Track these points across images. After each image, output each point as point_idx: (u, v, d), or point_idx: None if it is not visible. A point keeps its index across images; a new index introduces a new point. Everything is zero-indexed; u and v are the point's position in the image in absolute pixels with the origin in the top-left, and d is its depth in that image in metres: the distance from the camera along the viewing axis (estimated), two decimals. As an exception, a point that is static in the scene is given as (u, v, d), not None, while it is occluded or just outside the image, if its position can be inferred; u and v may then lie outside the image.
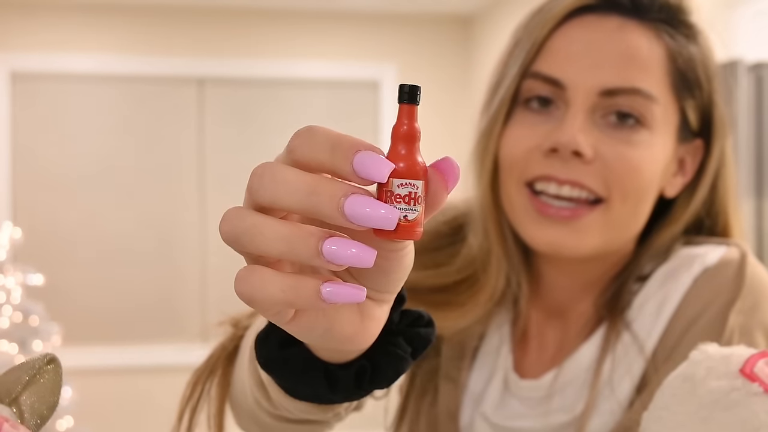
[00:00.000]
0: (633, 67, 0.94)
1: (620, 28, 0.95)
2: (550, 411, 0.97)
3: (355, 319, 0.55)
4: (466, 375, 1.04)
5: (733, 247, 0.99)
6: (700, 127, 1.00)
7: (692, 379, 0.63)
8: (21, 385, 0.58)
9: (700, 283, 0.96)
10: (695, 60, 0.97)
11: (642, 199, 0.96)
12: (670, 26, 0.97)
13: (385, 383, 0.61)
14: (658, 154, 0.95)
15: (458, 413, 1.03)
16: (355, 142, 0.46)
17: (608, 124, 0.94)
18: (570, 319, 1.03)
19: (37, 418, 0.59)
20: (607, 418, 0.94)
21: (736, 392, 0.60)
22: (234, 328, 0.88)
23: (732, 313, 0.92)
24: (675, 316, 0.96)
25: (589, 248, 0.95)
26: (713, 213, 1.03)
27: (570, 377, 0.98)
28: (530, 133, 0.94)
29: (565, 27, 0.96)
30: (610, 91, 0.93)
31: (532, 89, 0.96)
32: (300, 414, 0.70)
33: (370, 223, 0.44)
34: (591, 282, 1.02)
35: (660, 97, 0.94)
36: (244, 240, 0.49)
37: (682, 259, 0.99)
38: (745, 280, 0.94)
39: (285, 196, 0.47)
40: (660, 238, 1.01)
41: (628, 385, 0.95)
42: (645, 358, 0.95)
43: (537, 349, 1.04)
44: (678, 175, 1.01)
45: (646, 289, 0.99)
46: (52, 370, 0.59)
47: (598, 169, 0.92)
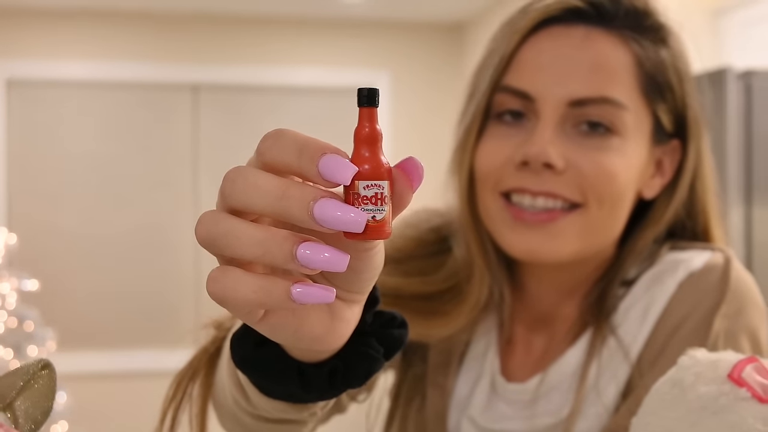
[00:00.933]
0: (601, 76, 0.94)
1: (586, 37, 0.96)
2: (536, 414, 0.98)
3: (325, 320, 0.56)
4: (452, 380, 1.04)
5: (718, 252, 0.99)
6: (675, 128, 1.00)
7: (681, 385, 0.64)
8: (15, 390, 0.59)
9: (685, 287, 0.96)
10: (665, 63, 0.98)
11: (618, 204, 0.96)
12: (637, 32, 0.97)
13: (357, 383, 0.62)
14: (632, 159, 0.95)
15: (446, 417, 1.03)
16: (321, 146, 0.47)
17: (579, 134, 0.94)
18: (555, 324, 1.04)
19: (31, 423, 0.59)
20: (592, 423, 0.94)
21: (724, 397, 0.61)
22: (216, 330, 0.88)
23: (717, 318, 0.93)
24: (660, 320, 0.96)
25: (567, 253, 0.95)
26: (694, 213, 1.04)
27: (556, 381, 0.98)
28: (503, 145, 0.95)
29: (533, 39, 0.96)
30: (578, 101, 0.93)
31: (503, 103, 0.96)
32: (277, 413, 0.71)
33: (339, 226, 0.46)
34: (574, 287, 1.02)
35: (630, 103, 0.95)
36: (220, 244, 0.50)
37: (667, 263, 0.99)
38: (730, 285, 0.95)
39: (256, 201, 0.48)
40: (642, 240, 1.01)
41: (613, 390, 0.95)
42: (630, 364, 0.95)
43: (523, 353, 1.04)
44: (656, 177, 1.01)
45: (632, 294, 1.00)
46: (46, 376, 0.59)
47: (572, 178, 0.93)
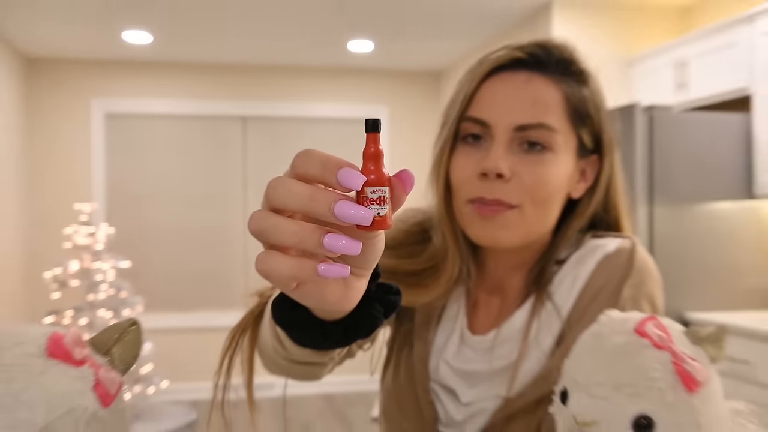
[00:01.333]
0: (538, 108, 0.93)
1: (528, 80, 0.94)
2: (493, 358, 0.98)
3: (341, 289, 0.57)
4: (432, 334, 1.04)
5: (627, 239, 1.00)
6: (594, 146, 1.00)
7: (600, 336, 0.63)
8: (112, 342, 0.59)
9: (602, 265, 0.97)
10: (586, 98, 0.96)
11: (549, 204, 0.94)
12: (565, 75, 0.96)
13: (364, 335, 0.64)
14: (561, 169, 0.94)
15: (428, 361, 1.03)
16: (338, 161, 0.50)
17: (522, 150, 0.93)
18: (507, 292, 1.04)
19: (124, 366, 0.59)
20: (534, 364, 0.95)
21: (631, 345, 0.61)
22: (260, 298, 0.89)
23: (625, 288, 0.94)
24: (584, 289, 0.96)
25: (513, 240, 0.94)
26: (608, 209, 1.04)
27: (508, 334, 0.99)
28: (468, 161, 0.94)
29: (488, 82, 0.95)
30: (522, 126, 0.92)
31: (467, 129, 0.96)
32: (305, 358, 0.73)
33: (353, 220, 0.48)
34: (520, 264, 1.02)
35: (560, 128, 0.94)
36: (266, 234, 0.52)
37: (589, 248, 1.00)
38: (635, 264, 0.95)
39: (292, 202, 0.51)
40: (570, 229, 1.01)
41: (549, 340, 0.96)
42: (562, 321, 0.96)
43: (484, 313, 1.05)
44: (581, 182, 1.01)
45: (563, 270, 1.00)
46: (134, 331, 0.59)
47: (516, 184, 0.91)
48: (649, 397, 0.58)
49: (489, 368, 0.97)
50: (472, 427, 0.97)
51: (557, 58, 0.97)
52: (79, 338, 0.56)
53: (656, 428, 0.58)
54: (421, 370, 1.02)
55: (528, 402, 0.93)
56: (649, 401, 0.58)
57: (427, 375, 1.02)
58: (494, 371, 0.97)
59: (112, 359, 0.58)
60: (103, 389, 0.54)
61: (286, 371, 0.83)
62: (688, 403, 0.58)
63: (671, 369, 0.59)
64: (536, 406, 0.92)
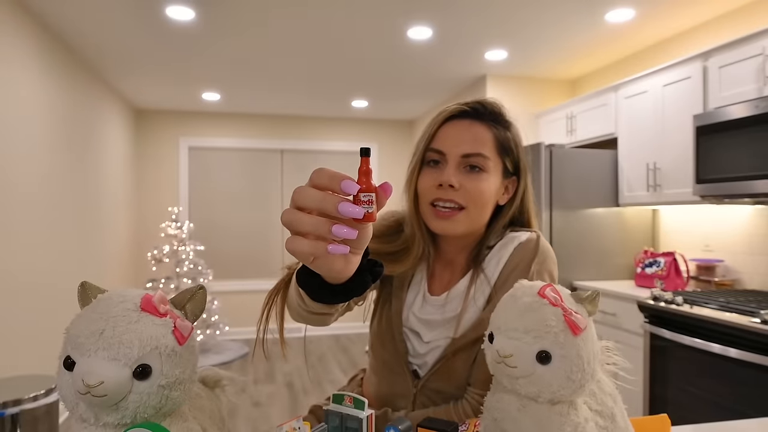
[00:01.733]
0: (477, 143, 0.92)
1: (470, 125, 0.94)
2: (445, 311, 0.97)
3: (342, 262, 0.57)
4: (405, 294, 1.04)
5: (534, 233, 0.99)
6: (513, 171, 1.01)
7: (514, 297, 0.63)
8: (186, 300, 0.58)
9: (517, 250, 0.96)
10: (509, 138, 0.96)
11: (485, 208, 0.93)
12: (495, 122, 0.95)
13: (358, 294, 0.63)
14: (492, 185, 0.93)
15: (401, 313, 1.03)
16: (341, 176, 0.51)
17: (467, 171, 0.93)
18: (455, 267, 1.03)
19: (194, 317, 0.58)
20: (471, 316, 0.94)
21: (536, 303, 0.60)
22: (288, 270, 0.89)
23: (532, 265, 0.93)
24: (505, 265, 0.96)
25: (460, 231, 0.94)
26: (522, 212, 1.03)
27: (454, 295, 0.98)
28: (430, 176, 0.94)
29: (445, 125, 0.95)
30: (466, 155, 0.92)
31: (430, 156, 0.96)
32: (318, 309, 0.73)
33: (351, 215, 0.50)
34: (464, 247, 1.01)
35: (491, 156, 0.93)
36: (293, 224, 0.53)
37: (509, 238, 0.99)
38: (539, 249, 0.95)
39: (310, 202, 0.52)
40: (498, 225, 1.00)
41: (482, 300, 0.95)
42: (491, 287, 0.95)
43: (439, 281, 1.04)
44: (505, 194, 1.00)
45: (492, 252, 0.99)
46: (201, 293, 0.58)
47: (462, 193, 0.91)
48: (547, 339, 0.58)
49: (442, 318, 0.97)
50: (431, 357, 0.96)
51: (490, 110, 0.97)
52: (163, 298, 0.55)
53: (552, 359, 0.57)
54: (396, 319, 1.01)
55: (468, 341, 0.92)
56: (547, 341, 0.58)
57: (401, 322, 1.01)
58: (445, 320, 0.96)
59: (186, 312, 0.57)
60: (179, 333, 0.54)
61: (305, 320, 0.82)
62: (574, 342, 0.58)
63: (562, 320, 0.58)
64: (473, 343, 0.92)
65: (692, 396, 2.37)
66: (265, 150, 5.95)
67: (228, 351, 5.09)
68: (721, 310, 2.28)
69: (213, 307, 5.03)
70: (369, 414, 0.62)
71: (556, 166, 3.31)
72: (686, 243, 3.27)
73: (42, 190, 3.30)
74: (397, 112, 5.78)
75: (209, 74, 4.30)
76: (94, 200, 4.24)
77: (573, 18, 3.13)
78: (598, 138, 3.56)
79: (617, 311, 2.92)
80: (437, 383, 0.96)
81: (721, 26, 3.09)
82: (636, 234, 3.48)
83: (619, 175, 3.39)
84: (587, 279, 3.35)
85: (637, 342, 2.74)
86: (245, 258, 5.91)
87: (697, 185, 2.64)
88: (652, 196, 3.10)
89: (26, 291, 3.10)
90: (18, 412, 0.64)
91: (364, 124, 6.19)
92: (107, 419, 0.51)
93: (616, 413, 0.65)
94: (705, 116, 2.61)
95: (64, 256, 3.64)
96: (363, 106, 5.51)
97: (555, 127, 4.03)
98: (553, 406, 0.58)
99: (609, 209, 3.42)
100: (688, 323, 2.36)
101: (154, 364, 0.51)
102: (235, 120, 5.84)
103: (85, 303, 0.55)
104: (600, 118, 3.54)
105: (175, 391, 0.53)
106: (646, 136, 3.15)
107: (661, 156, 3.03)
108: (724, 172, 2.51)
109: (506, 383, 0.60)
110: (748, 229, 2.88)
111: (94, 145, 4.26)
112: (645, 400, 2.65)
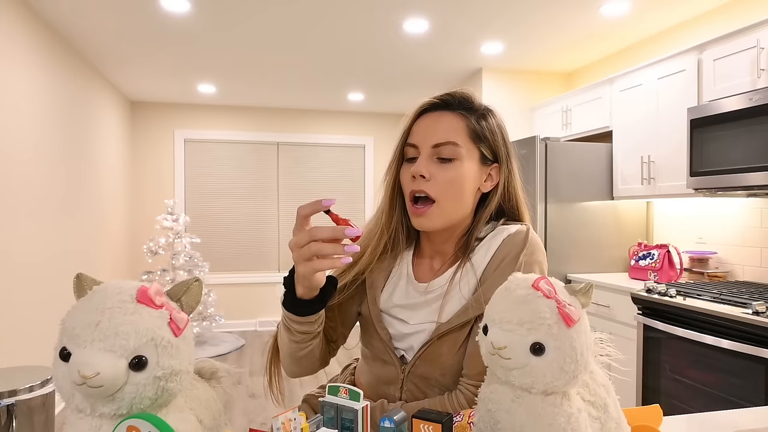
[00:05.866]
0: (447, 132, 0.93)
1: (441, 115, 0.95)
2: (427, 294, 0.99)
3: (321, 276, 0.81)
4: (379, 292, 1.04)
5: (524, 225, 1.00)
6: (493, 158, 1.02)
7: (509, 289, 0.63)
8: (181, 292, 0.58)
9: (506, 241, 0.96)
10: (483, 126, 0.96)
11: (459, 198, 0.94)
12: (467, 111, 0.97)
13: (330, 296, 0.86)
14: (466, 173, 0.94)
15: (377, 300, 1.03)
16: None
17: (438, 161, 0.95)
18: (444, 256, 1.03)
19: (189, 308, 0.58)
20: (456, 303, 0.94)
21: (530, 296, 0.60)
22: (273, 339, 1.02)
23: (521, 257, 0.93)
24: (493, 257, 0.96)
25: (436, 226, 0.94)
26: (509, 200, 1.03)
27: (440, 282, 0.98)
28: (407, 170, 0.96)
29: (418, 120, 0.97)
30: (436, 145, 0.94)
31: (407, 152, 0.97)
32: (302, 328, 0.88)
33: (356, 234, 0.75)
34: (451, 238, 1.01)
35: (463, 144, 0.94)
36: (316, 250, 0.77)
37: (498, 230, 0.99)
38: (528, 241, 0.95)
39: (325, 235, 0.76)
40: (484, 213, 1.00)
41: (467, 289, 0.95)
42: (477, 278, 0.96)
43: (427, 269, 1.03)
44: (488, 181, 1.01)
45: (481, 244, 0.99)
46: (197, 285, 0.58)
47: (433, 183, 0.92)
48: (541, 330, 0.58)
49: (424, 300, 0.98)
50: (416, 341, 0.97)
51: (459, 99, 0.98)
52: (159, 290, 0.55)
53: (546, 351, 0.58)
54: (374, 308, 1.01)
55: (453, 326, 0.93)
56: (541, 333, 0.58)
57: (378, 310, 1.01)
58: (427, 301, 0.97)
59: (181, 304, 0.57)
60: (175, 324, 0.54)
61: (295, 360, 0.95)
62: (567, 334, 0.58)
63: (556, 312, 0.59)
64: (459, 329, 0.93)
65: (685, 386, 2.39)
66: (260, 143, 5.93)
67: (224, 343, 5.10)
68: (714, 301, 2.29)
69: (209, 299, 5.02)
70: (364, 405, 0.62)
71: (551, 160, 3.30)
72: (680, 235, 3.28)
73: (36, 183, 3.28)
74: (394, 105, 5.76)
75: (204, 66, 4.27)
76: (89, 192, 4.22)
77: (568, 11, 3.13)
78: (593, 131, 3.56)
79: (611, 303, 2.93)
80: (423, 368, 0.96)
81: (715, 19, 3.09)
82: (630, 227, 3.50)
83: (613, 168, 3.39)
84: (581, 272, 3.36)
85: (631, 334, 2.76)
86: (241, 250, 5.90)
87: (691, 178, 2.65)
88: (646, 189, 3.10)
89: (21, 283, 3.08)
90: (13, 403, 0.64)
91: (361, 117, 6.17)
92: (103, 410, 0.51)
93: (608, 404, 0.65)
94: (699, 109, 2.62)
95: (59, 248, 3.63)
96: (359, 99, 5.49)
97: (550, 120, 4.02)
98: (546, 397, 0.59)
99: (603, 202, 3.42)
100: (681, 315, 2.37)
101: (149, 356, 0.51)
102: (231, 112, 5.82)
103: (81, 294, 0.55)
104: (595, 112, 3.53)
105: (171, 383, 0.53)
106: (641, 129, 3.15)
107: (656, 149, 3.04)
108: (717, 165, 2.52)
109: (500, 374, 0.60)
110: (741, 221, 2.90)
111: (89, 137, 4.23)
112: (638, 390, 2.67)
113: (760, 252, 2.80)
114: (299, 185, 6.03)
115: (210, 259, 5.75)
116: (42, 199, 3.36)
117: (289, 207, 6.00)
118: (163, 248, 4.87)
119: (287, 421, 0.53)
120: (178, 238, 4.94)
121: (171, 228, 4.94)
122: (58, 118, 3.61)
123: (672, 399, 2.47)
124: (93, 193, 4.32)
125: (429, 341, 0.95)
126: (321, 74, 4.50)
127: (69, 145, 3.81)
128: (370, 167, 6.16)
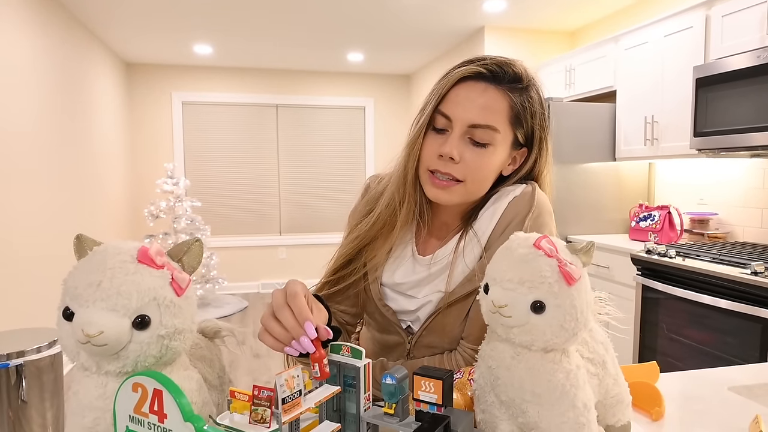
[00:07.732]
0: (488, 113, 0.88)
1: (485, 89, 0.89)
2: (432, 266, 0.98)
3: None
4: (381, 271, 1.02)
5: (529, 184, 0.98)
6: (525, 142, 0.98)
7: (510, 248, 0.63)
8: (182, 252, 0.58)
9: (512, 204, 0.94)
10: (526, 108, 0.88)
11: (484, 181, 0.90)
12: (513, 89, 0.93)
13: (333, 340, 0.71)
14: (496, 158, 0.89)
15: (378, 280, 1.03)
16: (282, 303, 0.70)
17: (471, 142, 0.91)
18: (449, 228, 1.02)
19: (191, 269, 0.58)
20: (461, 272, 0.93)
21: (531, 255, 0.60)
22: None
23: (527, 220, 0.92)
24: (499, 221, 0.95)
25: (454, 201, 0.92)
26: (533, 176, 1.01)
27: (444, 253, 0.97)
28: (434, 143, 0.91)
29: (456, 87, 0.91)
30: (474, 125, 0.90)
31: (436, 120, 0.93)
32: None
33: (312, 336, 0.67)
34: (460, 212, 1.00)
35: (502, 129, 0.89)
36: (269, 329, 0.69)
37: (503, 192, 0.97)
38: (534, 202, 0.92)
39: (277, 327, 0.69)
40: (497, 191, 1.00)
41: (471, 257, 0.94)
42: (481, 245, 0.95)
43: (433, 242, 1.02)
44: (510, 165, 0.98)
45: (485, 207, 0.99)
46: (197, 245, 0.58)
47: (462, 166, 0.88)
48: (541, 289, 0.58)
49: (428, 273, 0.97)
50: (423, 313, 0.96)
51: (509, 74, 0.89)
52: (159, 250, 0.55)
53: (546, 309, 0.58)
54: (375, 287, 1.01)
55: (459, 296, 0.92)
56: (541, 291, 0.58)
57: (378, 290, 1.00)
58: (432, 274, 0.96)
59: (183, 264, 0.57)
60: (177, 284, 0.54)
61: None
62: (568, 293, 0.58)
63: (557, 270, 0.59)
64: (465, 298, 0.93)
65: (681, 345, 2.43)
66: (259, 105, 5.87)
67: (227, 305, 5.17)
68: (713, 262, 2.31)
69: (211, 262, 5.07)
70: (366, 363, 0.63)
71: (554, 121, 3.25)
72: (681, 197, 3.28)
73: (33, 148, 3.26)
74: (394, 65, 5.67)
75: (201, 24, 4.18)
76: (86, 156, 4.20)
77: (574, -35, 3.03)
78: (597, 91, 3.51)
79: (611, 264, 2.95)
80: (430, 337, 0.96)
81: (726, -26, 3.00)
82: (632, 188, 3.49)
83: (616, 129, 3.36)
84: (582, 233, 3.38)
85: (630, 294, 2.78)
86: (242, 214, 5.93)
87: (695, 138, 2.63)
88: (649, 149, 3.08)
89: (23, 247, 3.10)
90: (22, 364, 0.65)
91: (361, 78, 6.08)
92: (108, 368, 0.52)
93: (607, 361, 0.66)
94: (705, 67, 2.57)
95: (60, 212, 3.64)
96: (359, 60, 5.40)
97: (554, 80, 3.96)
98: (546, 354, 0.59)
99: (606, 163, 3.41)
100: (680, 275, 2.39)
101: (153, 315, 0.52)
102: (229, 74, 5.73)
103: (81, 255, 0.55)
104: (599, 71, 3.48)
105: (175, 341, 0.53)
106: (645, 88, 3.11)
107: (660, 109, 3.00)
108: (722, 125, 2.49)
109: (501, 332, 0.61)
110: (743, 182, 2.89)
111: (85, 99, 4.18)
112: (635, 348, 2.72)
113: (761, 213, 2.80)
114: (299, 147, 5.99)
115: (211, 222, 5.77)
116: (40, 161, 3.34)
117: (289, 169, 5.98)
118: (164, 212, 4.89)
119: (290, 378, 0.54)
120: (178, 201, 4.95)
121: (171, 192, 4.94)
122: (53, 80, 3.55)
123: (668, 357, 2.51)
124: (91, 157, 4.30)
125: (436, 311, 0.94)
126: (320, 33, 4.41)
127: (66, 107, 3.76)
128: (371, 129, 6.11)
